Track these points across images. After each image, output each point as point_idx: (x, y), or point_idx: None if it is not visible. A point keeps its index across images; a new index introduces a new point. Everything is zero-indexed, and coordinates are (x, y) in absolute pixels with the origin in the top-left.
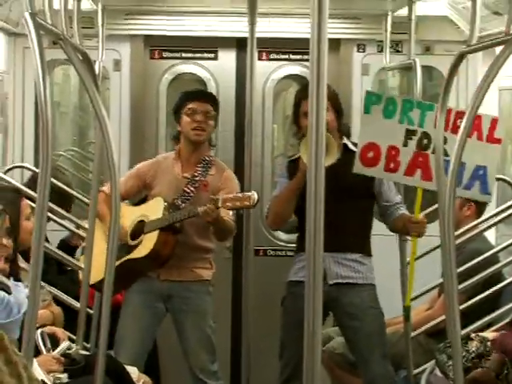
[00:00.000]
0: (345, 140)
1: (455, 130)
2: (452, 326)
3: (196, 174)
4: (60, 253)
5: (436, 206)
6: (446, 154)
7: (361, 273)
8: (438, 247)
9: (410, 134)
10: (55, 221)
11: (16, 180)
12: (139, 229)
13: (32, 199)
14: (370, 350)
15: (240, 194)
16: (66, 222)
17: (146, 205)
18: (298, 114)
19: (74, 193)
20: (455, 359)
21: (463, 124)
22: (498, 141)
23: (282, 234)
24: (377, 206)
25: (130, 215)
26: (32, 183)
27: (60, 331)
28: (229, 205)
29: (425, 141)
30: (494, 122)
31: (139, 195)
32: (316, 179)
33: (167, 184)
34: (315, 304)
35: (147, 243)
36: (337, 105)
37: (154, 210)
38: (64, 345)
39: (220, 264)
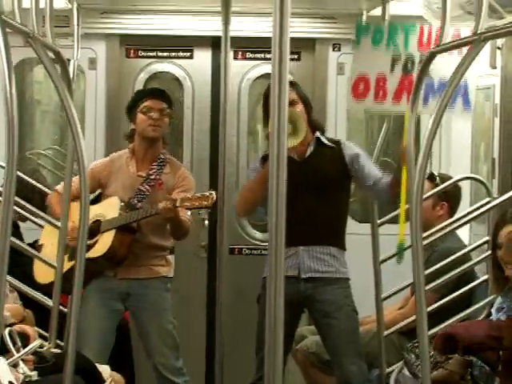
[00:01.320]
0: (317, 134)
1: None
2: (420, 326)
3: (151, 173)
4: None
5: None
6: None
7: (334, 267)
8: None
9: (395, 60)
10: (31, 220)
11: None
12: (95, 228)
13: None
14: (344, 348)
15: (198, 194)
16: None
17: (102, 204)
18: (267, 108)
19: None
20: (423, 359)
21: (430, 125)
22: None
23: (257, 233)
24: (363, 188)
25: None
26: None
27: (30, 329)
28: (187, 204)
29: (409, 63)
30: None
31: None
32: (278, 171)
33: (122, 183)
34: (276, 299)
35: (104, 242)
36: (304, 98)
37: (110, 209)
38: (35, 343)
39: (196, 263)
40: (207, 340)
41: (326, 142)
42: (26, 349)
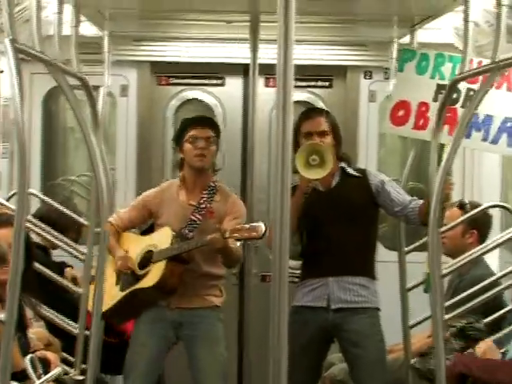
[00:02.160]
0: (343, 164)
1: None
2: (437, 354)
3: (202, 202)
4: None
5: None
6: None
7: (364, 297)
8: None
9: (440, 88)
10: (61, 247)
11: None
12: (147, 258)
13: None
14: (370, 378)
15: (247, 225)
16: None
17: (154, 234)
18: (297, 135)
19: (81, 219)
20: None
21: (448, 152)
22: None
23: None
24: (393, 215)
25: (138, 244)
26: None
27: (52, 355)
28: (236, 235)
29: (454, 95)
30: None
31: (145, 224)
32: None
33: (173, 212)
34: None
35: (155, 273)
36: (336, 129)
37: (162, 239)
38: (56, 370)
39: (227, 290)
40: (238, 368)
41: (351, 171)
42: (46, 376)
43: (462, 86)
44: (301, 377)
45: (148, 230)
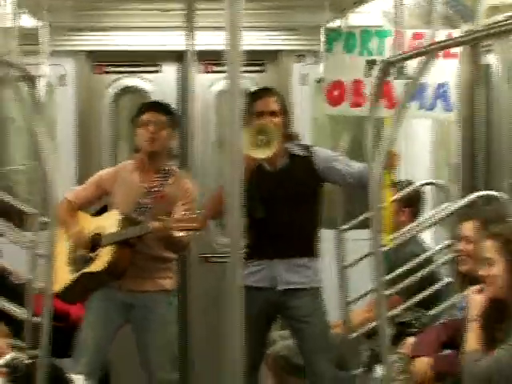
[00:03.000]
0: (289, 145)
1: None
2: (381, 328)
3: (153, 185)
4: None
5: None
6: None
7: (308, 277)
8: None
9: (370, 63)
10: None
11: None
12: (96, 241)
13: None
14: (316, 352)
15: (189, 216)
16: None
17: (104, 216)
18: (248, 115)
19: (24, 207)
20: (384, 359)
21: (390, 125)
22: (455, 55)
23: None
24: (346, 187)
25: (87, 226)
26: None
27: (1, 341)
28: (178, 225)
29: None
30: (450, 36)
31: (99, 202)
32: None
33: (125, 193)
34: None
35: (103, 257)
36: (285, 109)
37: (109, 222)
38: (8, 356)
39: None
40: (180, 348)
41: (298, 152)
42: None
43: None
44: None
45: (104, 209)
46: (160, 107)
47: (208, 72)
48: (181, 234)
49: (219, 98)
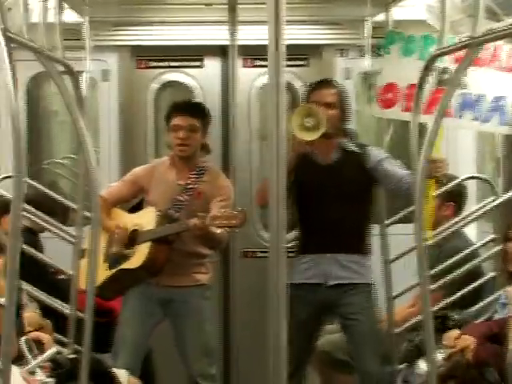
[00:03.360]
0: (343, 140)
1: (476, 61)
2: (426, 323)
3: (189, 182)
4: (48, 260)
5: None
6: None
7: (359, 273)
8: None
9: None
10: (49, 230)
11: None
12: (133, 238)
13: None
14: (365, 350)
15: (228, 213)
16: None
17: (140, 213)
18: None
19: (69, 202)
20: (429, 355)
21: (430, 127)
22: None
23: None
24: (390, 191)
25: (125, 222)
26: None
27: (45, 337)
28: (216, 223)
29: (444, 76)
30: None
31: (136, 199)
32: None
33: (162, 191)
34: (280, 304)
35: (140, 254)
36: (344, 104)
37: (147, 219)
38: (51, 350)
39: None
40: (223, 344)
41: (351, 148)
42: (43, 356)
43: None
44: (296, 353)
45: (138, 205)
46: (190, 109)
47: (251, 66)
48: (218, 231)
49: (262, 93)
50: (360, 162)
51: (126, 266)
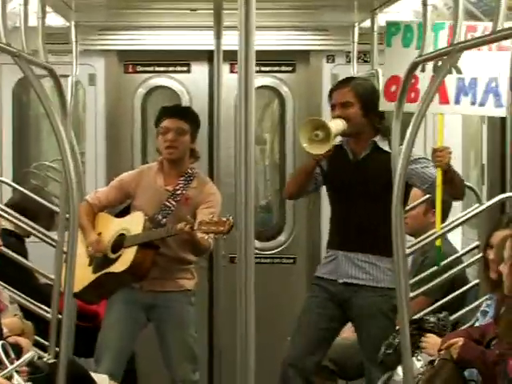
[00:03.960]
0: (376, 138)
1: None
2: (402, 331)
3: (177, 188)
4: (30, 264)
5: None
6: (459, 72)
7: (372, 275)
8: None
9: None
10: (33, 235)
11: None
12: (119, 242)
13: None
14: (370, 355)
15: (216, 219)
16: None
17: (128, 218)
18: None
19: (53, 206)
20: (405, 362)
21: (411, 125)
22: (506, 48)
23: (256, 242)
24: (424, 191)
25: (111, 227)
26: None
27: (24, 341)
28: (204, 228)
29: (440, 62)
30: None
31: (122, 204)
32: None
33: (149, 196)
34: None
35: (126, 258)
36: (363, 99)
37: (134, 224)
38: (28, 354)
39: (197, 273)
40: (209, 350)
41: (382, 146)
42: (20, 361)
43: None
44: (304, 335)
45: (125, 211)
46: (179, 112)
47: (234, 72)
48: (206, 237)
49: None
50: (389, 160)
51: (110, 269)
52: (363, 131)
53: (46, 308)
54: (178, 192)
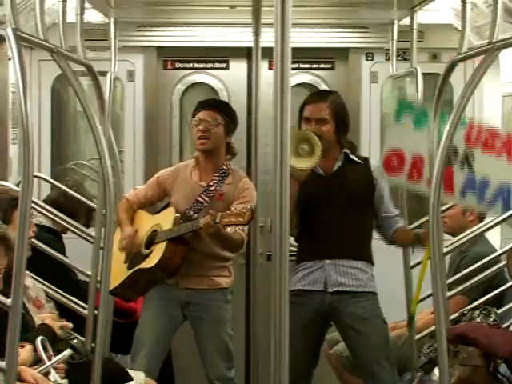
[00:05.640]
0: (346, 150)
1: (485, 147)
2: (438, 331)
3: (211, 183)
4: (67, 260)
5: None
6: (471, 171)
7: (361, 281)
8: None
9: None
10: (71, 231)
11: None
12: (153, 238)
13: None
14: (376, 362)
15: (237, 210)
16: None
17: (161, 214)
18: (300, 119)
19: (90, 203)
20: (441, 362)
21: (447, 128)
22: None
23: (292, 240)
24: (376, 217)
25: (147, 224)
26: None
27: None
28: (225, 221)
29: (452, 155)
30: None
31: (162, 202)
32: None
33: (184, 192)
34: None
35: (156, 254)
36: (338, 117)
37: (166, 219)
38: (65, 352)
39: (234, 270)
40: (246, 347)
41: (353, 157)
42: (57, 357)
43: (460, 148)
44: (299, 360)
45: (164, 209)
46: (213, 105)
47: (273, 69)
48: (228, 229)
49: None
50: (362, 171)
51: (142, 265)
52: (332, 148)
53: (82, 304)
54: (212, 188)
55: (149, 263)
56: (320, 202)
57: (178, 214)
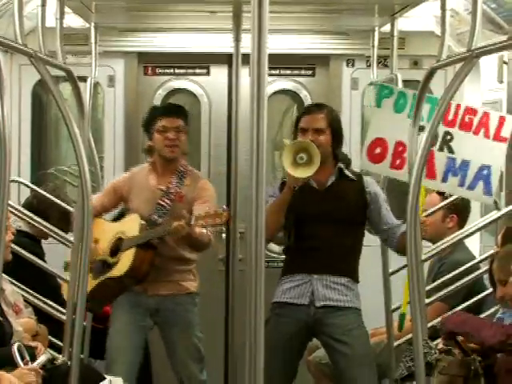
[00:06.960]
0: (340, 165)
1: (464, 126)
2: (415, 337)
3: (171, 186)
4: (46, 266)
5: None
6: (451, 151)
7: (348, 296)
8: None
9: (418, 129)
10: (52, 236)
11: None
12: (118, 246)
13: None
14: (357, 372)
15: (212, 211)
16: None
17: (124, 220)
18: (296, 130)
19: (70, 208)
20: (418, 370)
21: (425, 136)
22: (504, 139)
23: (275, 246)
24: (376, 230)
25: (108, 232)
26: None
27: (38, 344)
28: (201, 222)
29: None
30: (502, 119)
31: (116, 209)
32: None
33: (143, 197)
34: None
35: (125, 261)
36: (334, 128)
37: (130, 226)
38: (42, 357)
39: (213, 276)
40: (225, 353)
41: (348, 173)
42: (34, 363)
43: (440, 130)
44: (278, 372)
45: (120, 216)
46: (177, 112)
47: None
48: (204, 230)
49: (269, 101)
50: (356, 188)
51: (110, 274)
52: (327, 161)
53: (61, 309)
54: (172, 190)
55: (118, 271)
56: (311, 217)
57: (143, 220)
